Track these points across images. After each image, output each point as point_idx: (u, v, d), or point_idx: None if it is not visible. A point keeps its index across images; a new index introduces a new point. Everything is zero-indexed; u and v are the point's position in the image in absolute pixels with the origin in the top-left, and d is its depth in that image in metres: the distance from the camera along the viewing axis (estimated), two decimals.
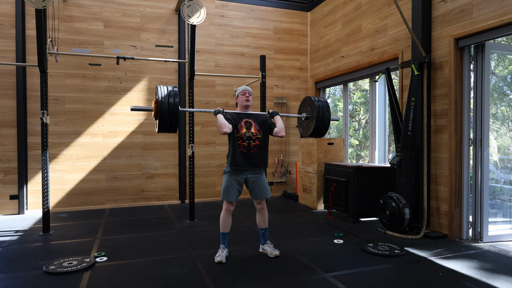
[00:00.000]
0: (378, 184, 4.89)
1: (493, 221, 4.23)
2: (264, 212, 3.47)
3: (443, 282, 2.86)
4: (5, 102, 5.40)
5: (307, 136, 3.67)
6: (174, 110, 3.06)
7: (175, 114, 3.07)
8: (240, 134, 3.31)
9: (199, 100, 6.36)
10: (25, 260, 3.38)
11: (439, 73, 4.20)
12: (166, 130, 3.13)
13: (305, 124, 3.71)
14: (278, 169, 6.97)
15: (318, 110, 3.46)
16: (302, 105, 3.80)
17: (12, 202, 5.44)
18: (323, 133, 3.59)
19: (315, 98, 3.57)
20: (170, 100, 3.05)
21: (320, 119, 3.47)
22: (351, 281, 2.88)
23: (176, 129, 3.15)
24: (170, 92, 3.09)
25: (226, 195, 3.32)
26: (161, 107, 3.02)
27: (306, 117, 3.65)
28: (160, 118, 3.04)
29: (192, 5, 4.27)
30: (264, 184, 3.43)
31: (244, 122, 3.36)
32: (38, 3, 3.71)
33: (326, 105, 3.53)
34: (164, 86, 3.14)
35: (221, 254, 3.34)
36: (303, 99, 3.81)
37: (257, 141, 3.34)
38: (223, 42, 6.59)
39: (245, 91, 3.46)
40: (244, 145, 3.30)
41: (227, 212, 3.36)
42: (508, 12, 3.44)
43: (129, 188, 6.03)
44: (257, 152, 3.34)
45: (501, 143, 5.08)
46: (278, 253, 3.45)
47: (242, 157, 3.30)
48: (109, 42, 5.92)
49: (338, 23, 6.26)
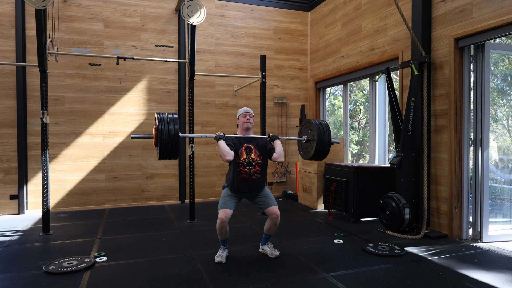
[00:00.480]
0: (378, 184, 4.89)
1: (493, 221, 4.23)
2: (277, 222, 3.34)
3: (443, 282, 2.86)
4: (5, 102, 5.40)
5: (308, 159, 3.66)
6: (175, 138, 3.00)
7: (176, 142, 3.01)
8: (241, 160, 3.27)
9: (199, 100, 6.36)
10: (25, 260, 3.38)
11: (439, 73, 4.20)
12: (167, 157, 3.08)
13: (305, 146, 3.69)
14: (278, 169, 6.97)
15: (319, 133, 3.42)
16: (302, 127, 3.77)
17: (12, 202, 5.44)
18: (324, 156, 3.55)
19: (316, 121, 3.54)
20: (170, 128, 2.98)
21: (321, 141, 3.43)
22: (351, 281, 2.88)
23: (177, 156, 3.09)
24: (170, 120, 3.02)
25: (224, 204, 3.26)
26: (161, 136, 2.96)
27: (307, 139, 3.63)
28: (161, 146, 2.99)
29: (192, 5, 4.27)
30: (269, 194, 3.41)
31: (245, 148, 3.31)
32: (38, 3, 3.71)
33: (326, 128, 3.50)
34: (163, 114, 3.06)
35: (221, 255, 3.34)
36: (303, 122, 3.76)
37: (258, 167, 3.29)
38: (223, 42, 6.59)
39: (246, 113, 3.40)
40: (245, 171, 3.26)
41: (222, 222, 3.21)
42: (508, 12, 3.44)
43: (129, 188, 6.03)
44: (258, 177, 3.30)
45: (501, 144, 5.08)
46: (279, 254, 3.44)
47: (243, 183, 3.27)
48: (109, 42, 5.92)
49: (338, 23, 6.26)
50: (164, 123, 2.98)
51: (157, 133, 2.99)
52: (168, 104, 6.24)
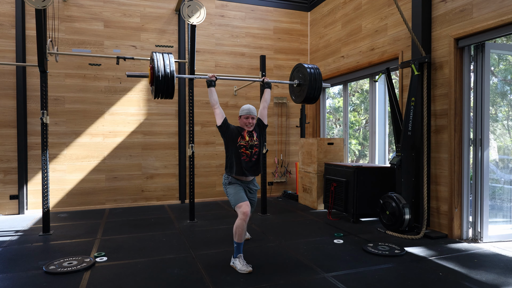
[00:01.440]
0: (378, 184, 4.89)
1: (493, 221, 4.23)
2: None
3: (443, 282, 2.86)
4: (5, 102, 5.40)
5: (300, 102, 3.75)
6: (170, 75, 3.03)
7: (171, 80, 3.04)
8: (244, 142, 3.32)
9: (199, 100, 6.36)
10: (25, 260, 3.38)
11: (439, 73, 4.20)
12: (163, 95, 3.08)
13: (297, 91, 3.76)
14: (278, 169, 6.97)
15: (310, 77, 3.49)
16: (294, 72, 3.83)
17: (12, 202, 5.44)
18: (314, 100, 3.71)
19: (308, 65, 3.61)
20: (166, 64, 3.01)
21: (313, 86, 3.51)
22: (351, 281, 2.88)
23: (172, 95, 3.14)
24: (165, 59, 3.05)
25: (238, 198, 3.20)
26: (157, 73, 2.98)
27: (298, 84, 3.69)
28: (157, 83, 3.01)
29: (192, 5, 4.27)
30: (255, 202, 3.55)
31: (247, 132, 3.37)
32: (38, 3, 3.71)
33: (318, 73, 3.58)
34: (159, 53, 3.12)
35: (245, 263, 3.10)
36: (295, 66, 3.85)
37: (256, 148, 3.38)
38: (223, 42, 6.59)
39: (249, 116, 3.37)
40: (247, 153, 3.33)
41: (243, 220, 3.10)
42: (508, 12, 3.44)
43: (129, 188, 6.03)
44: (256, 159, 3.39)
45: (502, 144, 5.08)
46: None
47: (246, 165, 3.32)
48: (109, 42, 5.92)
49: (338, 23, 6.26)
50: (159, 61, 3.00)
51: (152, 72, 2.99)
52: (168, 104, 6.24)
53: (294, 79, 3.79)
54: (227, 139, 3.37)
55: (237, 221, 3.14)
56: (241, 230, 3.12)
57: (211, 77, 3.47)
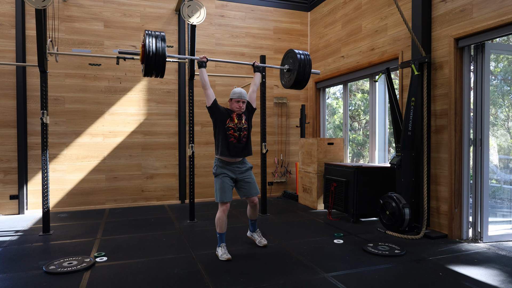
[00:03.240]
0: (378, 184, 4.89)
1: (493, 221, 4.23)
2: (257, 207, 3.68)
3: (443, 282, 2.86)
4: (5, 102, 5.41)
5: (288, 87, 3.81)
6: (161, 53, 3.07)
7: (162, 57, 3.08)
8: (233, 125, 3.45)
9: (199, 100, 6.35)
10: (25, 260, 3.38)
11: (439, 73, 4.20)
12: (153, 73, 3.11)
13: (287, 76, 3.84)
14: (278, 169, 6.97)
15: (299, 63, 3.55)
16: (285, 57, 3.91)
17: (12, 202, 5.44)
18: (303, 85, 3.78)
19: (298, 51, 3.66)
20: (158, 43, 3.05)
21: (302, 72, 3.57)
22: (351, 281, 2.88)
23: (163, 73, 3.18)
24: (157, 36, 3.09)
25: (222, 196, 3.40)
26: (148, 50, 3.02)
27: (288, 69, 3.75)
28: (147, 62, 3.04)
29: (192, 5, 4.27)
30: (254, 182, 3.58)
31: (236, 115, 3.49)
32: (38, 3, 3.71)
33: (308, 59, 3.64)
34: (152, 31, 3.17)
35: (225, 251, 3.40)
36: (286, 52, 3.92)
37: (245, 131, 3.50)
38: (223, 42, 6.59)
39: (240, 99, 3.48)
40: (235, 136, 3.44)
41: (223, 213, 3.40)
42: (508, 12, 3.44)
43: (129, 188, 6.03)
44: (245, 141, 3.50)
45: (502, 144, 5.08)
46: (266, 242, 3.70)
47: (233, 147, 3.44)
48: (109, 42, 5.92)
49: (338, 23, 6.26)
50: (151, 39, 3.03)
51: (143, 50, 3.03)
52: (168, 104, 6.24)
53: (285, 65, 3.86)
54: (216, 120, 3.49)
55: (217, 213, 3.43)
56: (221, 222, 3.40)
57: (202, 58, 3.53)
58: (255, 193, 3.57)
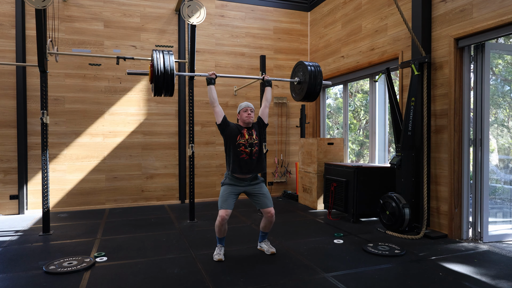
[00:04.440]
0: (378, 184, 4.89)
1: (493, 221, 4.23)
2: (272, 220, 3.45)
3: (443, 282, 2.86)
4: (5, 102, 5.40)
5: (300, 100, 3.73)
6: (170, 72, 3.06)
7: (171, 77, 3.07)
8: (243, 141, 3.36)
9: (199, 100, 6.36)
10: (25, 260, 3.38)
11: (439, 73, 4.20)
12: (162, 92, 3.10)
13: (297, 88, 3.76)
14: (278, 169, 6.97)
15: (310, 75, 3.50)
16: (295, 70, 3.84)
17: (12, 202, 5.44)
18: (315, 97, 3.68)
19: (308, 63, 3.60)
20: (166, 62, 3.04)
21: (312, 83, 3.51)
22: (351, 281, 2.88)
23: (172, 92, 3.16)
24: (165, 56, 3.08)
25: (223, 204, 3.33)
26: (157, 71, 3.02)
27: (299, 81, 3.69)
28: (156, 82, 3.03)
29: (192, 5, 4.27)
30: (268, 195, 3.46)
31: (246, 130, 3.41)
32: (38, 3, 3.71)
33: (318, 70, 3.58)
34: (159, 51, 3.14)
35: (219, 252, 3.38)
36: (296, 64, 3.85)
37: (256, 147, 3.40)
38: (223, 42, 6.59)
39: (247, 108, 3.46)
40: (246, 152, 3.35)
41: (222, 220, 3.30)
42: (508, 12, 3.44)
43: (129, 188, 6.03)
44: (257, 157, 3.40)
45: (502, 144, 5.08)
46: (275, 250, 3.52)
47: (244, 163, 3.34)
48: (109, 42, 5.92)
49: (338, 23, 6.26)
50: (159, 59, 3.03)
51: (152, 70, 3.02)
52: (168, 104, 6.24)
53: (295, 77, 3.79)
54: (226, 137, 3.42)
55: (216, 221, 3.35)
56: (218, 228, 3.35)
57: (211, 75, 3.48)
58: (271, 205, 3.42)
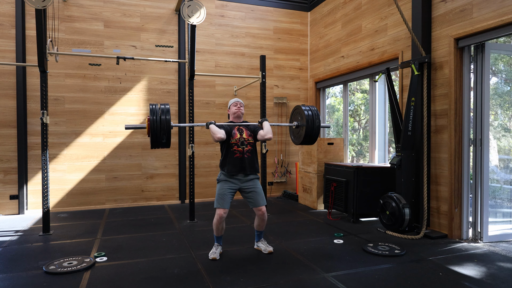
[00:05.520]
0: (378, 184, 4.89)
1: (493, 221, 4.23)
2: (264, 218, 3.50)
3: (443, 282, 2.86)
4: (5, 102, 5.40)
5: (299, 143, 3.71)
6: (166, 126, 3.14)
7: (167, 132, 3.16)
8: (235, 140, 3.43)
9: (199, 100, 6.36)
10: (25, 260, 3.38)
11: (439, 73, 4.20)
12: (159, 146, 3.20)
13: (296, 132, 3.77)
14: (278, 169, 6.97)
15: (307, 119, 3.51)
16: (293, 114, 3.84)
17: (12, 202, 5.44)
18: (313, 140, 3.65)
19: (305, 107, 3.60)
20: (162, 118, 3.15)
21: (310, 127, 3.51)
22: (351, 281, 2.88)
23: (169, 145, 3.24)
24: (162, 110, 3.18)
25: (220, 203, 3.37)
26: (153, 124, 3.12)
27: (297, 125, 3.70)
28: (153, 136, 3.12)
29: (192, 5, 4.27)
30: (260, 191, 3.49)
31: (237, 129, 3.49)
32: (38, 3, 3.71)
33: (315, 113, 3.57)
34: (156, 104, 3.23)
35: (215, 252, 3.42)
36: (293, 108, 3.85)
37: (249, 146, 3.46)
38: (223, 42, 6.59)
39: (237, 102, 3.61)
40: (239, 150, 3.41)
41: (220, 219, 3.35)
42: (508, 12, 3.44)
43: (129, 188, 6.03)
44: (249, 156, 3.45)
45: (502, 144, 5.08)
46: (272, 249, 3.55)
47: (237, 162, 3.40)
48: (109, 42, 5.92)
49: (338, 23, 6.26)
50: (156, 114, 3.09)
51: (149, 124, 3.09)
52: (168, 104, 6.22)
53: (293, 121, 3.79)
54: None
55: (214, 219, 3.40)
56: (216, 227, 3.41)
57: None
58: (263, 203, 3.45)
